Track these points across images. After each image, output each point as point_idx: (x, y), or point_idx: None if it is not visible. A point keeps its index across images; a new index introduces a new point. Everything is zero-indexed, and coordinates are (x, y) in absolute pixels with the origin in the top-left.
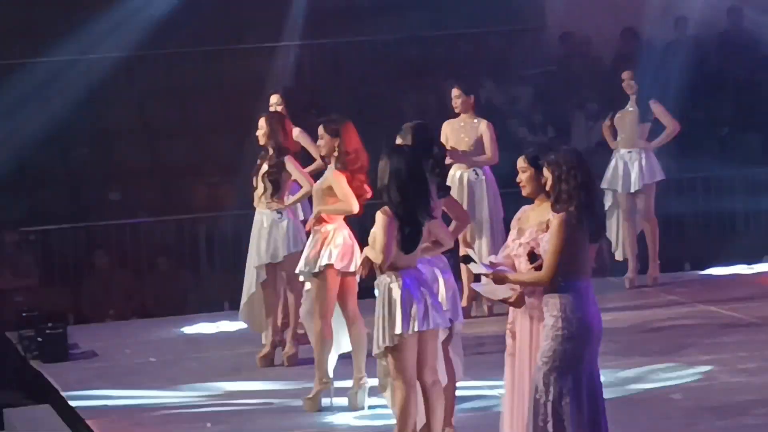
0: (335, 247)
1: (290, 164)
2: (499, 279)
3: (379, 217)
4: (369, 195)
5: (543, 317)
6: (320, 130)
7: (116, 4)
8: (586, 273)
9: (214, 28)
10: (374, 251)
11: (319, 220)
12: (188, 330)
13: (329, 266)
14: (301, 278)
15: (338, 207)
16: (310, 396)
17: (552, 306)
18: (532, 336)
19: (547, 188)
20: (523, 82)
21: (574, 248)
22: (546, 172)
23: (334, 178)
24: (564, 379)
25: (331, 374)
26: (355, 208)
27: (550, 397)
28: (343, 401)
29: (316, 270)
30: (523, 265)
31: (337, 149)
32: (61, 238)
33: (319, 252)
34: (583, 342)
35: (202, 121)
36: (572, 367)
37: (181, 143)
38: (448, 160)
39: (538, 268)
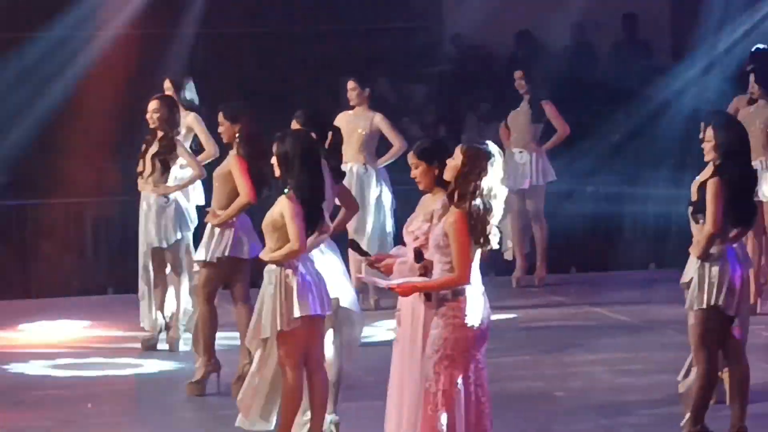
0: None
1: (181, 147)
2: (408, 291)
3: (285, 203)
4: (269, 181)
5: (431, 307)
6: (220, 116)
7: None
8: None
9: (109, 13)
10: (280, 248)
11: (214, 215)
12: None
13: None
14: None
15: (234, 207)
16: (196, 380)
17: (447, 297)
18: (420, 325)
19: (448, 177)
20: (416, 80)
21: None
22: (459, 157)
23: (234, 164)
24: (453, 368)
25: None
26: (250, 197)
27: (441, 386)
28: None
29: (207, 260)
30: (410, 256)
31: (237, 135)
32: None
33: (212, 241)
34: (471, 335)
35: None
36: (461, 356)
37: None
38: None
39: (423, 267)
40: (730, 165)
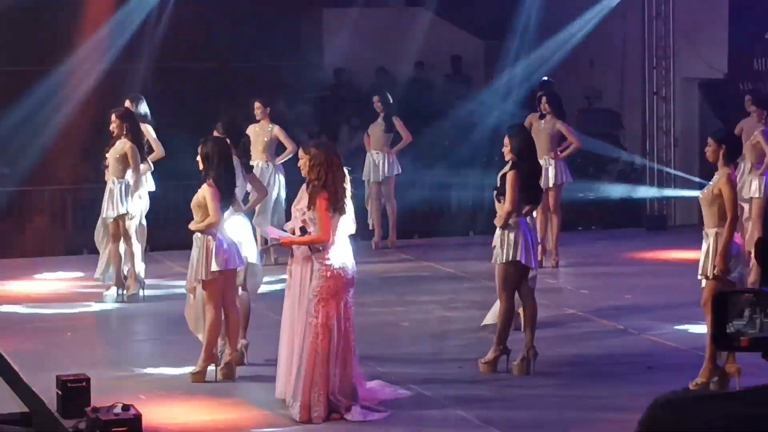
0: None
1: (130, 150)
2: (287, 243)
3: (207, 189)
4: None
5: (313, 263)
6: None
7: None
8: (341, 234)
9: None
10: (203, 221)
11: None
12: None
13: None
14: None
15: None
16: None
17: (320, 255)
18: (302, 276)
19: (303, 173)
20: (304, 101)
21: (335, 218)
22: (305, 156)
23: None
24: (328, 308)
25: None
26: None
27: (321, 321)
28: None
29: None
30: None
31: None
32: None
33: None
34: (341, 281)
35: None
36: (334, 298)
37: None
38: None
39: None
40: (523, 162)
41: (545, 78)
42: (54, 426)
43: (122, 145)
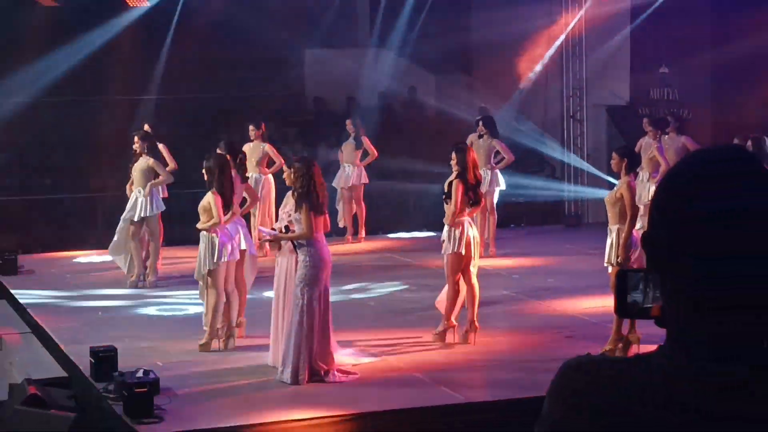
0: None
1: (153, 162)
2: (277, 237)
3: (211, 196)
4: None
5: (297, 255)
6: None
7: None
8: (320, 231)
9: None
10: (208, 222)
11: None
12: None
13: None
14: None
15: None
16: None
17: (304, 249)
18: (288, 266)
19: (288, 182)
20: (290, 124)
21: (317, 219)
22: (287, 172)
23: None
24: (311, 290)
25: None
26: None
27: (305, 302)
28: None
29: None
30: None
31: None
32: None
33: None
34: (320, 270)
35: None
36: (315, 284)
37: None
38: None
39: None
40: (466, 173)
41: (482, 105)
42: (88, 388)
43: (145, 161)
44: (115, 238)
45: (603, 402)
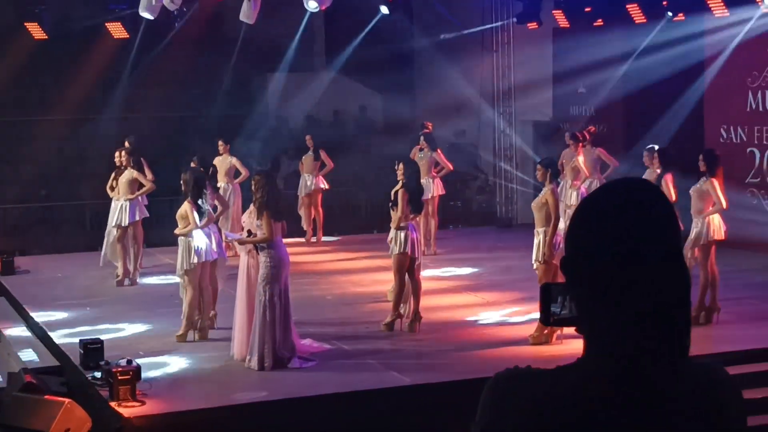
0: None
1: (137, 173)
2: (242, 241)
3: (187, 205)
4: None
5: (259, 256)
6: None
7: None
8: (279, 235)
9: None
10: (185, 228)
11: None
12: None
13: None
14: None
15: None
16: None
17: (265, 251)
18: (250, 265)
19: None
20: (255, 139)
21: (276, 225)
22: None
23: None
24: (272, 288)
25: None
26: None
27: (267, 299)
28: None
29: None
30: (245, 234)
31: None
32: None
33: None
34: (280, 269)
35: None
36: (276, 281)
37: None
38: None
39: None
40: (411, 181)
41: (423, 122)
42: (78, 375)
43: (129, 173)
44: (110, 244)
45: (531, 406)
